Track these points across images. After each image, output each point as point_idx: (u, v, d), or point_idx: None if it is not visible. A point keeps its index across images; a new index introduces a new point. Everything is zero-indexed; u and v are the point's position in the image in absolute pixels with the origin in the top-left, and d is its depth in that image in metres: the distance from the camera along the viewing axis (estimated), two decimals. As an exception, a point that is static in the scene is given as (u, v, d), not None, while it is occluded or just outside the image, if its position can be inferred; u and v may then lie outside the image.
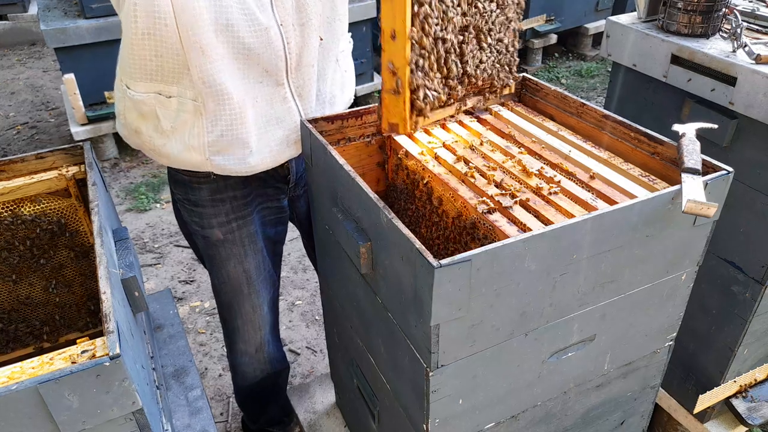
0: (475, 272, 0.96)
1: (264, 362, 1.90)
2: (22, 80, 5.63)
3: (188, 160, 1.41)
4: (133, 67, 1.34)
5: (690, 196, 1.02)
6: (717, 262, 1.73)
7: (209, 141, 1.37)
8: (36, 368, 0.86)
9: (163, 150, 1.41)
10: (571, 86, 5.32)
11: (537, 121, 1.51)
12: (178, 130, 1.38)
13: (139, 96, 1.37)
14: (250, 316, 1.76)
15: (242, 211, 1.60)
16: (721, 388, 1.88)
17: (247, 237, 1.63)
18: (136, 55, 1.31)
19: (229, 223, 1.59)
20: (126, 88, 1.39)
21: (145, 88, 1.36)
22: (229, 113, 1.35)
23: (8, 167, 1.36)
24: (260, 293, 1.73)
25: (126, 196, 3.87)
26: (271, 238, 1.73)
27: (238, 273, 1.67)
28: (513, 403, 1.23)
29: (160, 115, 1.37)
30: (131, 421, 0.93)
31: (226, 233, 1.60)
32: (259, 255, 1.68)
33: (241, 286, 1.70)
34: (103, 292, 0.95)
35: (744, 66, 1.49)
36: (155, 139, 1.41)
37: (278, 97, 1.41)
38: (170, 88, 1.35)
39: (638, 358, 1.37)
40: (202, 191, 1.54)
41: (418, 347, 1.07)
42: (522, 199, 1.19)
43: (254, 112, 1.39)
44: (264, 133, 1.42)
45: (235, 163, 1.42)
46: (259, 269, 1.70)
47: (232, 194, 1.56)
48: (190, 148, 1.39)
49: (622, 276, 1.16)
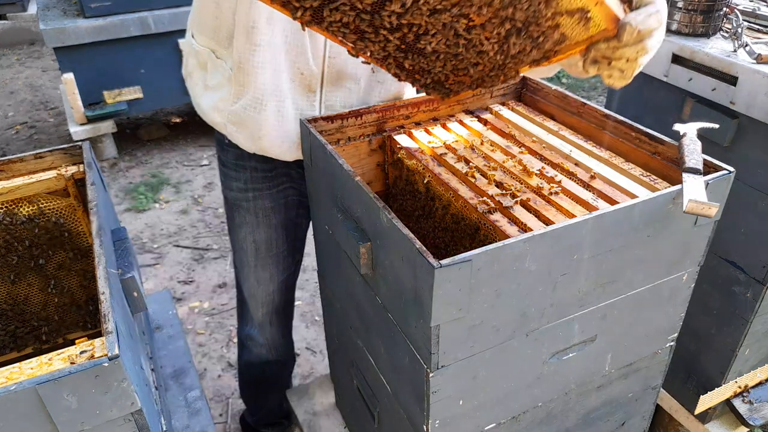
0: (476, 272, 0.95)
1: (265, 345, 1.91)
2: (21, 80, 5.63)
3: (212, 118, 1.51)
4: (198, 20, 1.47)
5: (691, 196, 1.02)
6: (718, 262, 1.73)
7: (231, 110, 1.44)
8: (35, 369, 0.86)
9: (200, 101, 1.53)
10: (571, 86, 5.32)
11: (538, 121, 1.50)
12: (214, 89, 1.47)
13: (198, 47, 1.49)
14: (254, 290, 1.79)
15: (261, 184, 1.63)
16: (722, 388, 1.88)
17: (261, 210, 1.66)
18: (201, 10, 1.43)
19: (246, 191, 1.64)
20: (191, 37, 1.52)
21: (204, 42, 1.47)
22: (252, 96, 1.39)
23: (7, 167, 1.35)
24: (268, 269, 1.75)
25: (125, 196, 3.87)
26: (292, 221, 1.73)
27: (248, 243, 1.71)
28: (513, 404, 1.22)
29: (209, 69, 1.47)
30: (130, 422, 0.92)
31: (242, 200, 1.65)
32: (272, 231, 1.70)
33: (249, 256, 1.73)
34: (102, 293, 0.94)
35: (745, 65, 1.49)
36: (198, 88, 1.52)
37: (306, 102, 1.43)
38: (221, 50, 1.42)
39: (639, 359, 1.37)
40: (228, 154, 1.61)
41: (418, 348, 1.07)
42: (523, 198, 1.19)
43: (277, 105, 1.40)
44: (280, 128, 1.43)
45: (246, 140, 1.47)
46: (270, 245, 1.71)
47: (254, 165, 1.60)
48: (215, 108, 1.48)
49: (623, 276, 1.16)
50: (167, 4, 3.91)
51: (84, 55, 3.82)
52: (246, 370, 2.04)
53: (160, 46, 4.01)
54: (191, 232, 3.56)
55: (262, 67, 1.35)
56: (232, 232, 1.74)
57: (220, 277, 3.21)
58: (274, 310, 1.84)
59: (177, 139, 4.57)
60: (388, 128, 1.48)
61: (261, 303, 1.81)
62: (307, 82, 1.39)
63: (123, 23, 3.82)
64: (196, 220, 3.67)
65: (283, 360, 2.01)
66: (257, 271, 1.75)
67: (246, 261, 1.74)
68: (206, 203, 3.83)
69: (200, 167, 4.23)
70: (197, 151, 4.41)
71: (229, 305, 3.02)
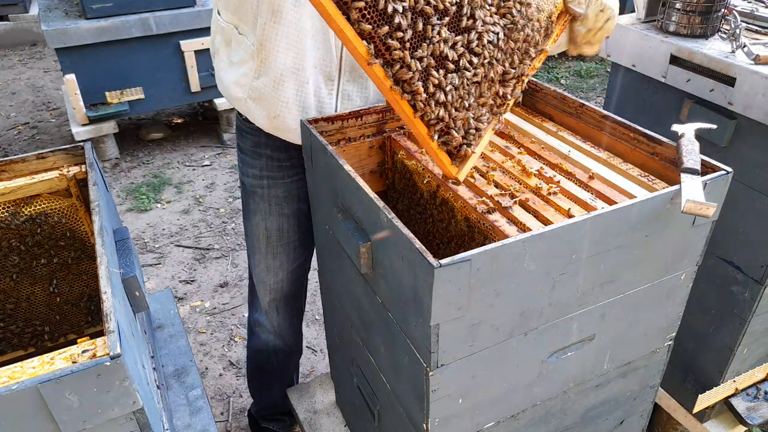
0: (475, 272, 0.96)
1: (272, 332, 1.93)
2: (23, 80, 5.64)
3: (233, 93, 1.52)
4: None
5: (689, 196, 1.02)
6: (716, 262, 1.73)
7: (252, 86, 1.46)
8: (37, 368, 0.86)
9: (222, 75, 1.54)
10: (570, 87, 5.32)
11: (536, 122, 1.51)
12: (238, 64, 1.48)
13: (223, 23, 1.50)
14: (263, 276, 1.82)
15: (276, 172, 1.65)
16: (720, 387, 1.88)
17: (274, 197, 1.69)
18: None
19: (261, 178, 1.66)
20: (217, 14, 1.53)
21: (228, 18, 1.48)
22: (273, 74, 1.41)
23: (9, 167, 1.36)
24: (278, 257, 1.78)
25: (127, 196, 3.88)
26: (305, 212, 1.75)
27: (260, 229, 1.74)
28: (512, 402, 1.23)
29: (234, 45, 1.48)
30: (132, 421, 0.93)
31: (257, 187, 1.68)
32: (284, 220, 1.72)
33: (260, 243, 1.76)
34: (104, 292, 0.95)
35: (743, 66, 1.50)
36: (222, 63, 1.54)
37: (325, 90, 1.45)
38: (245, 27, 1.44)
39: (637, 358, 1.37)
40: (246, 140, 1.64)
41: (418, 347, 1.07)
42: (521, 199, 1.19)
43: (297, 87, 1.42)
44: (297, 109, 1.45)
45: (263, 117, 1.49)
46: (281, 233, 1.74)
47: (270, 153, 1.62)
48: (237, 83, 1.49)
49: (621, 276, 1.17)
50: (169, 5, 3.91)
51: (86, 55, 3.83)
52: (253, 357, 2.07)
53: (162, 47, 4.02)
54: (193, 232, 3.57)
55: (286, 47, 1.37)
56: (246, 218, 1.77)
57: (222, 276, 3.21)
58: (282, 298, 1.87)
59: (178, 140, 4.58)
60: (388, 129, 1.49)
61: (269, 290, 1.84)
62: (327, 69, 1.42)
63: (124, 24, 3.82)
64: (197, 220, 3.68)
65: (289, 350, 2.02)
66: (267, 259, 1.78)
67: (257, 247, 1.77)
68: (207, 203, 3.84)
69: (202, 167, 4.23)
70: (199, 152, 4.42)
71: (230, 304, 3.03)
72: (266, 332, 1.93)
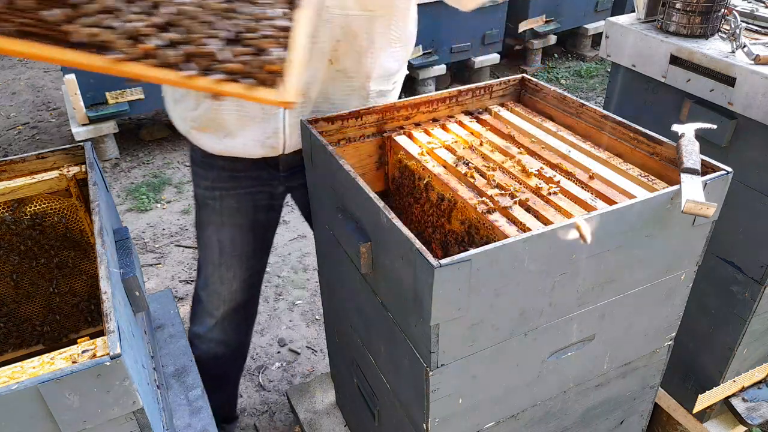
0: (475, 272, 0.96)
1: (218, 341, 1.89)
2: (23, 80, 5.64)
3: (180, 127, 1.57)
4: None
5: (689, 196, 1.02)
6: (716, 262, 1.73)
7: (192, 116, 1.49)
8: (37, 368, 0.86)
9: (171, 113, 1.59)
10: (570, 87, 5.32)
11: (536, 122, 1.51)
12: (180, 101, 1.52)
13: None
14: (217, 287, 1.78)
15: (227, 183, 1.63)
16: (720, 387, 1.88)
17: (227, 209, 1.66)
18: None
19: (213, 189, 1.65)
20: None
21: None
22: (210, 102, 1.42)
23: (9, 167, 1.36)
24: (232, 268, 1.75)
25: (127, 196, 3.88)
26: (261, 223, 1.73)
27: (213, 242, 1.72)
28: (512, 402, 1.23)
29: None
30: (132, 421, 0.93)
31: (209, 199, 1.66)
32: (237, 231, 1.70)
33: (213, 255, 1.73)
34: (104, 292, 0.95)
35: (743, 66, 1.50)
36: (170, 103, 1.57)
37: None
38: None
39: (637, 358, 1.37)
40: (197, 152, 1.63)
41: (418, 347, 1.07)
42: (521, 199, 1.19)
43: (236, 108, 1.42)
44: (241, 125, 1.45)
45: (211, 142, 1.51)
46: (234, 244, 1.71)
47: (221, 164, 1.60)
48: (182, 118, 1.54)
49: (621, 276, 1.17)
50: (168, 4, 3.91)
51: (85, 55, 3.83)
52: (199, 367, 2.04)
53: (161, 47, 4.02)
54: (193, 232, 3.57)
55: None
56: (199, 229, 1.75)
57: (221, 276, 3.21)
58: (235, 307, 1.84)
59: (178, 140, 4.57)
60: (388, 129, 1.49)
61: (223, 300, 1.81)
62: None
63: (124, 24, 3.82)
64: (197, 220, 3.68)
65: (232, 356, 1.99)
66: (221, 270, 1.75)
67: (210, 259, 1.74)
68: (207, 203, 3.84)
69: (201, 167, 4.23)
70: (198, 152, 4.42)
71: (230, 305, 3.03)
72: (206, 342, 1.89)
